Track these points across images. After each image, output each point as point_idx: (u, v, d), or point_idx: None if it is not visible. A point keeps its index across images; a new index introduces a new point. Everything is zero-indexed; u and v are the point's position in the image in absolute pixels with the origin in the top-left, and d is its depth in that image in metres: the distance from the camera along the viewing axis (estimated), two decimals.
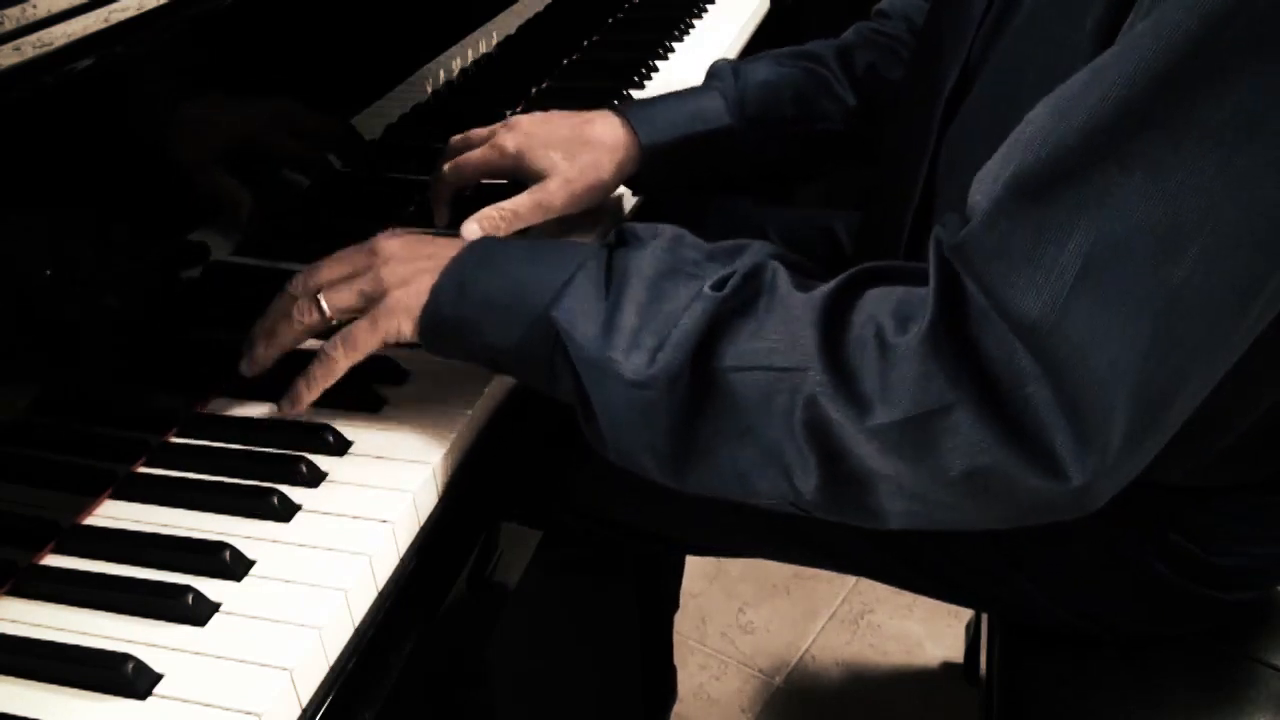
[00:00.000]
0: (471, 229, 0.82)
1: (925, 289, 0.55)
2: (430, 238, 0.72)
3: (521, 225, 0.85)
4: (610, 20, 1.38)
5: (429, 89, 0.97)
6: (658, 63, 1.25)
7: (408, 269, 0.69)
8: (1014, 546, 0.76)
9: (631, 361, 0.61)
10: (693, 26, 1.36)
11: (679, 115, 0.91)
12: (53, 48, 0.57)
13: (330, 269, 0.71)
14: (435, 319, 0.67)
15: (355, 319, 0.69)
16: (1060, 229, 0.51)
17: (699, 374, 0.60)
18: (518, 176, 0.87)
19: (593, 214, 0.91)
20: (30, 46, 0.56)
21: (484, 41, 1.07)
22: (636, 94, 1.16)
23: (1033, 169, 0.52)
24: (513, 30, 1.12)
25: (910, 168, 0.75)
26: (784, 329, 0.58)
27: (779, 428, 0.58)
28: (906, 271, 0.59)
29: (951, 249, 0.55)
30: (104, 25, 0.60)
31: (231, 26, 0.71)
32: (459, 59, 1.02)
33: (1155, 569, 0.74)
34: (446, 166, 0.88)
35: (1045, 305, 0.51)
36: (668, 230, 0.68)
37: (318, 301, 0.69)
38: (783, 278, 0.61)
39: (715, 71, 0.97)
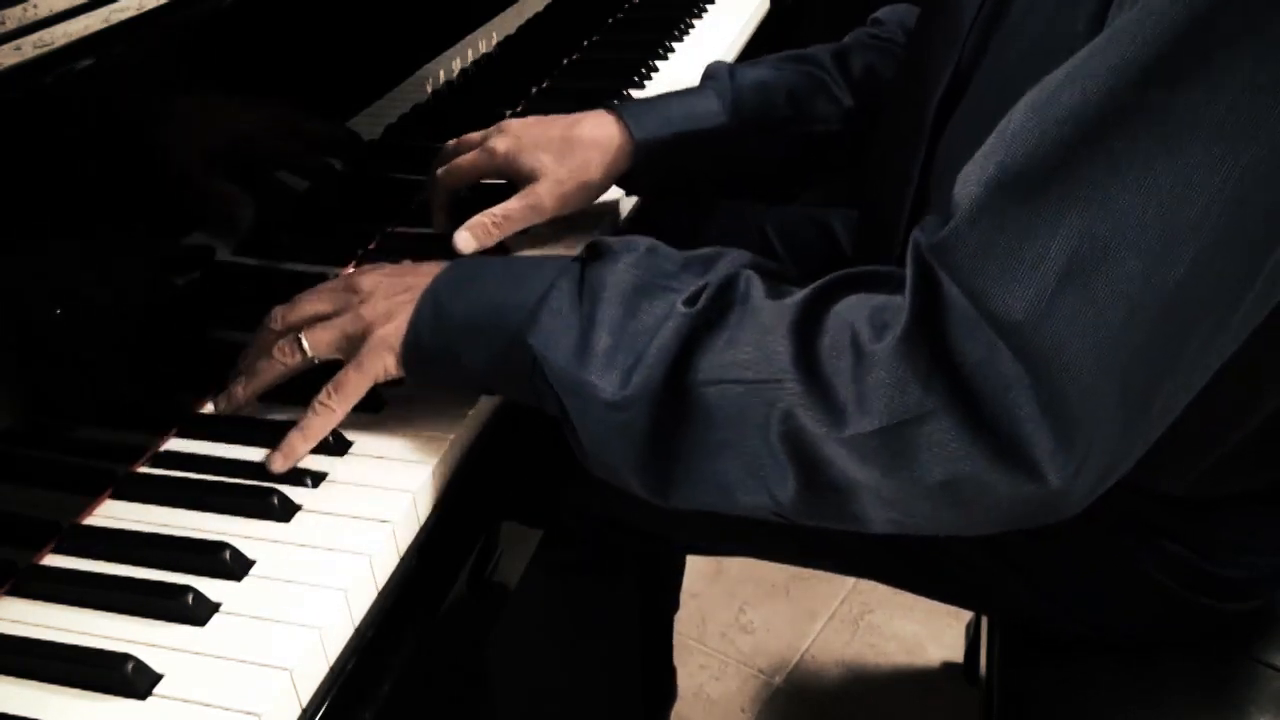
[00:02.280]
0: (463, 238, 0.83)
1: (903, 296, 0.53)
2: (410, 267, 0.71)
3: (514, 229, 0.85)
4: (610, 20, 1.38)
5: (429, 89, 0.97)
6: (658, 63, 1.25)
7: (388, 304, 0.68)
8: (1013, 551, 0.76)
9: (607, 382, 0.61)
10: (693, 26, 1.36)
11: (673, 113, 0.91)
12: (53, 48, 0.57)
13: (310, 304, 0.71)
14: (416, 350, 0.67)
15: (338, 359, 0.68)
16: (1044, 226, 0.49)
17: (675, 391, 0.59)
18: (508, 178, 0.87)
19: (591, 216, 0.91)
20: (30, 46, 0.56)
21: (484, 41, 1.07)
22: (636, 94, 1.16)
23: (1014, 165, 0.50)
24: (513, 30, 1.12)
25: (902, 172, 0.74)
26: (757, 340, 0.57)
27: (756, 440, 0.57)
28: (883, 277, 0.58)
29: (931, 248, 0.53)
30: (104, 25, 0.60)
31: (232, 26, 0.71)
32: (459, 59, 1.02)
33: (1156, 579, 0.74)
34: (440, 171, 0.89)
35: (1029, 304, 0.49)
36: (641, 242, 0.68)
37: (299, 341, 0.69)
38: (756, 287, 0.60)
39: (711, 72, 0.96)
